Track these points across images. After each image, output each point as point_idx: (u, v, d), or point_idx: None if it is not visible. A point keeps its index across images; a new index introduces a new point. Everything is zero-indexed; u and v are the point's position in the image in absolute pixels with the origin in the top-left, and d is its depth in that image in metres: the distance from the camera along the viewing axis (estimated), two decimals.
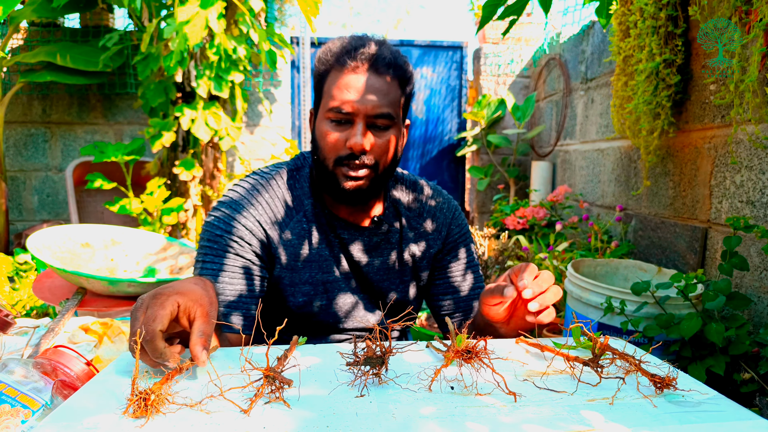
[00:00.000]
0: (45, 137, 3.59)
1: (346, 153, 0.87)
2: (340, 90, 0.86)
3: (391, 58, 0.88)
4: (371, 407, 0.53)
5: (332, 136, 0.87)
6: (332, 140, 0.87)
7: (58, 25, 3.53)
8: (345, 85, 0.86)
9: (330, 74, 0.88)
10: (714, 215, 1.73)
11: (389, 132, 0.89)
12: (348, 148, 0.87)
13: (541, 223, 2.80)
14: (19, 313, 2.03)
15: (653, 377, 0.57)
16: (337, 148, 0.88)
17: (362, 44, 0.88)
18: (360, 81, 0.86)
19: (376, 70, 0.86)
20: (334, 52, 0.88)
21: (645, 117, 1.88)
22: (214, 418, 0.50)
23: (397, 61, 0.89)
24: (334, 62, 0.88)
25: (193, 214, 2.89)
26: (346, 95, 0.85)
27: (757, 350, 1.21)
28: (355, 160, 0.87)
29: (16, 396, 0.71)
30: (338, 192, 0.90)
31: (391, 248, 1.00)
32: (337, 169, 0.89)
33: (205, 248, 0.89)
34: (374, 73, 0.86)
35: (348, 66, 0.86)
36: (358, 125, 0.86)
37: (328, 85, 0.88)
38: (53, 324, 1.10)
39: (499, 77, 4.13)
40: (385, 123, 0.88)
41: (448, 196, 1.08)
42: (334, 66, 0.88)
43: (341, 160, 0.88)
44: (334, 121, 0.87)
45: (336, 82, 0.87)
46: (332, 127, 0.88)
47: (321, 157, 0.90)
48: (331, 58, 0.88)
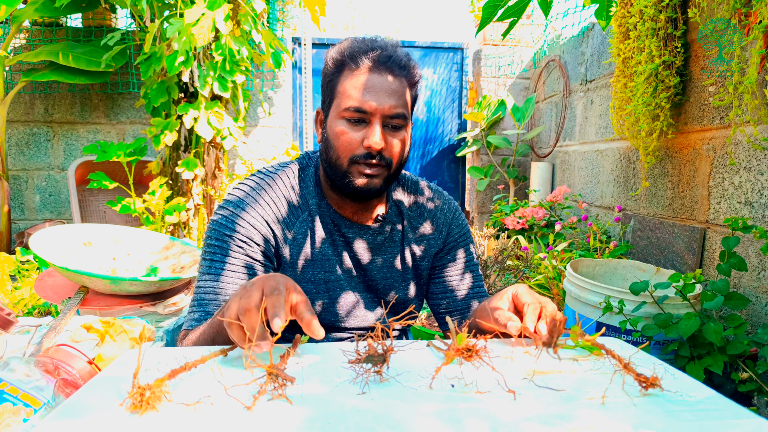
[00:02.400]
0: (47, 136, 3.59)
1: (362, 152, 0.88)
2: (357, 90, 0.86)
3: (405, 60, 0.90)
4: (373, 404, 0.54)
5: (348, 135, 0.88)
6: (348, 139, 0.88)
7: (61, 25, 3.54)
8: (362, 85, 0.86)
9: (344, 74, 0.89)
10: (712, 216, 1.74)
11: (402, 132, 0.90)
12: (365, 148, 0.87)
13: (540, 223, 2.80)
14: (21, 312, 2.04)
15: (639, 376, 0.57)
16: (352, 148, 0.88)
17: (378, 45, 0.89)
18: (377, 81, 0.87)
19: (391, 71, 0.87)
20: (348, 52, 0.89)
21: (644, 118, 1.89)
22: (218, 414, 0.51)
23: (409, 63, 0.91)
24: (349, 62, 0.88)
25: (195, 214, 2.89)
26: (364, 95, 0.86)
27: (755, 350, 1.22)
28: (371, 159, 0.88)
29: (18, 394, 0.71)
30: (351, 190, 0.90)
31: (393, 247, 1.01)
32: (352, 167, 0.89)
33: (213, 246, 0.90)
34: (390, 74, 0.87)
35: (364, 66, 0.87)
36: (375, 125, 0.87)
37: (343, 85, 0.88)
38: (55, 323, 1.11)
39: (499, 78, 4.13)
40: (399, 123, 0.89)
41: (448, 196, 1.09)
42: (348, 65, 0.88)
43: (356, 159, 0.88)
44: (350, 121, 0.88)
45: (352, 82, 0.87)
46: (348, 127, 0.88)
47: (334, 156, 0.90)
48: (345, 58, 0.89)
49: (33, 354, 0.95)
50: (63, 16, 3.38)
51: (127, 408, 0.51)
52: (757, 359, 1.20)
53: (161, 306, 1.46)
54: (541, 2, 1.25)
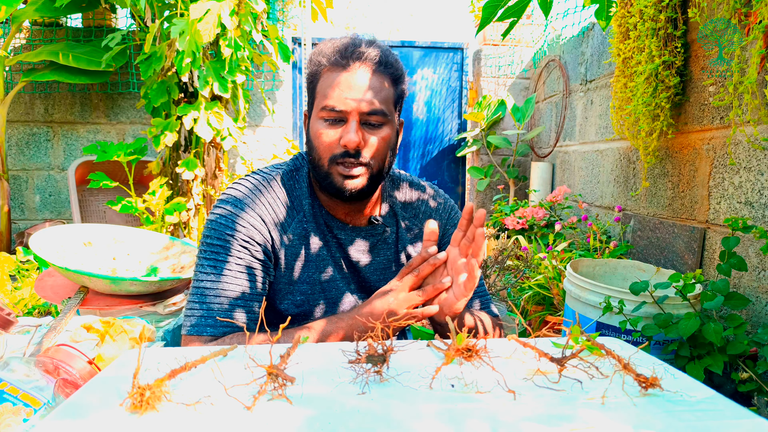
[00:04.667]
0: (47, 136, 3.59)
1: (341, 151, 0.88)
2: (333, 89, 0.87)
3: (382, 56, 0.89)
4: (373, 404, 0.54)
5: (326, 135, 0.88)
6: (326, 139, 0.88)
7: (61, 25, 3.54)
8: (337, 84, 0.87)
9: (322, 74, 0.89)
10: (712, 216, 1.74)
11: (383, 129, 0.90)
12: (342, 147, 0.87)
13: (540, 223, 2.80)
14: (21, 312, 2.04)
15: (639, 376, 0.57)
16: (331, 147, 0.88)
17: (353, 44, 0.89)
18: (352, 79, 0.86)
19: (367, 68, 0.87)
20: (325, 53, 0.89)
21: (644, 118, 1.89)
22: (218, 414, 0.51)
23: (388, 59, 0.90)
24: (325, 62, 0.89)
25: (195, 214, 2.89)
26: (339, 94, 0.86)
27: (755, 350, 1.22)
28: (350, 158, 0.88)
29: (18, 394, 0.71)
30: (334, 191, 0.90)
31: (388, 249, 1.01)
32: (332, 168, 0.89)
33: (211, 246, 0.89)
34: (366, 71, 0.87)
35: (340, 65, 0.87)
36: (351, 123, 0.87)
37: (321, 85, 0.89)
38: (55, 322, 1.10)
39: (499, 78, 4.14)
40: (378, 120, 0.88)
41: (445, 196, 1.09)
42: (325, 66, 0.89)
43: (336, 159, 0.88)
44: (328, 120, 0.88)
45: (328, 82, 0.88)
46: (326, 127, 0.88)
47: (316, 157, 0.91)
48: (322, 59, 0.89)
49: (33, 354, 0.95)
50: (63, 16, 3.38)
51: (127, 408, 0.51)
52: (757, 359, 1.20)
53: (161, 306, 1.46)
54: (541, 2, 1.25)
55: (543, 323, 2.01)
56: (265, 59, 3.09)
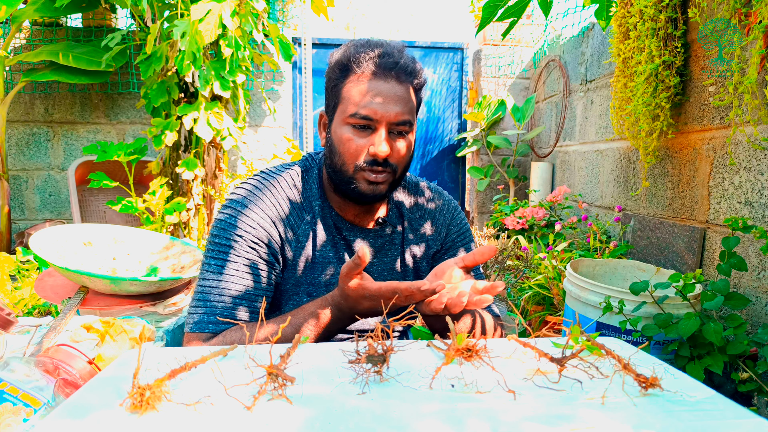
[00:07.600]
0: (47, 136, 3.59)
1: (368, 159, 0.87)
2: (364, 96, 0.86)
3: (412, 66, 0.89)
4: (373, 404, 0.54)
5: (354, 142, 0.87)
6: (354, 146, 0.87)
7: (61, 25, 3.54)
8: (369, 92, 0.86)
9: (349, 78, 0.88)
10: (712, 216, 1.74)
11: (408, 137, 0.90)
12: (371, 155, 0.87)
13: (540, 223, 2.80)
14: (21, 312, 2.04)
15: (639, 376, 0.57)
16: (358, 154, 0.88)
17: (385, 51, 0.88)
18: (385, 88, 0.86)
19: (398, 78, 0.87)
20: (354, 57, 0.88)
21: (644, 118, 1.89)
22: (218, 414, 0.51)
23: (416, 69, 0.90)
24: (354, 67, 0.87)
25: (195, 214, 2.89)
26: (371, 102, 0.85)
27: (755, 350, 1.22)
28: (376, 166, 0.87)
29: (18, 394, 0.71)
30: (356, 195, 0.90)
31: (394, 249, 1.01)
32: (357, 174, 0.89)
33: (218, 245, 0.89)
34: (397, 81, 0.87)
35: (370, 71, 0.86)
36: (381, 132, 0.86)
37: (348, 90, 0.88)
38: (55, 322, 1.11)
39: (499, 78, 4.14)
40: (405, 129, 0.89)
41: (448, 197, 1.09)
42: (353, 70, 0.88)
43: (361, 166, 0.88)
44: (356, 127, 0.87)
45: (358, 88, 0.87)
46: (353, 133, 0.88)
47: (339, 162, 0.90)
48: (350, 63, 0.88)
49: (33, 354, 0.95)
50: (63, 16, 3.38)
51: (127, 408, 0.51)
52: (757, 359, 1.20)
53: (161, 306, 1.46)
54: (541, 2, 1.25)
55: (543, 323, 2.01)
56: (266, 59, 3.09)
